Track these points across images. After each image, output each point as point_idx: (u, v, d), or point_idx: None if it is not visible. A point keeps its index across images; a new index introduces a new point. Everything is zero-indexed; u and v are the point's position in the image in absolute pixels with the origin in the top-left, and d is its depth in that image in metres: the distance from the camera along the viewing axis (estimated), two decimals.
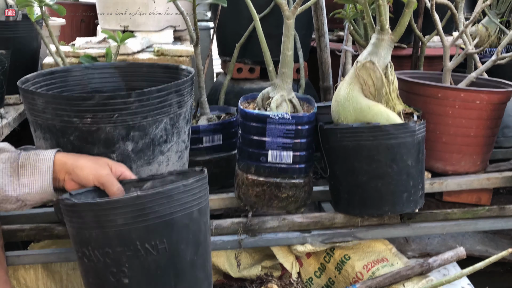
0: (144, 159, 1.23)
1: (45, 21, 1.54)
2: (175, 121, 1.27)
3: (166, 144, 1.26)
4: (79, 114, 1.13)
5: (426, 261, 1.40)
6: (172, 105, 1.24)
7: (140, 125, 1.18)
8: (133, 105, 1.15)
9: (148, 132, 1.20)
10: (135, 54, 1.95)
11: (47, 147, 1.20)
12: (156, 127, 1.21)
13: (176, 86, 1.23)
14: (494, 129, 1.64)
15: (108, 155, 1.18)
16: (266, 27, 1.63)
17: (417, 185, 1.39)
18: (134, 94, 1.14)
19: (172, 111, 1.24)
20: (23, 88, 1.20)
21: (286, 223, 1.46)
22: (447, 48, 1.71)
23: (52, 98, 1.16)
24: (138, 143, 1.20)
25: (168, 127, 1.25)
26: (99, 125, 1.14)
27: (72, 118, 1.14)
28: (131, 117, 1.16)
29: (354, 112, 1.37)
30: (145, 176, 1.16)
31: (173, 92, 1.23)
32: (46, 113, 1.16)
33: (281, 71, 1.43)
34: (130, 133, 1.17)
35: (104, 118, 1.14)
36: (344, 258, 1.48)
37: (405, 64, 2.36)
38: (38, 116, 1.19)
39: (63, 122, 1.15)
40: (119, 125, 1.15)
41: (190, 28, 1.63)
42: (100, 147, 1.17)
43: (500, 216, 1.52)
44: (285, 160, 1.39)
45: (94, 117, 1.13)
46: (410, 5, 1.33)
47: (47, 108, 1.16)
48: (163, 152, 1.26)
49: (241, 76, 2.24)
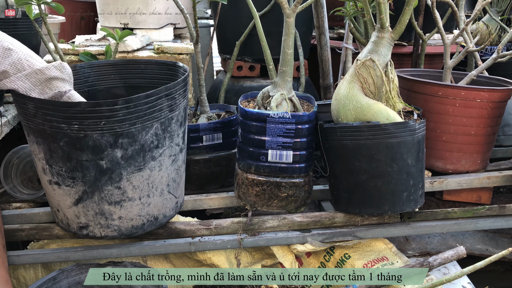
0: (134, 166, 1.22)
1: (43, 19, 1.53)
2: (167, 125, 1.25)
3: (157, 150, 1.25)
4: (66, 120, 1.13)
5: (426, 260, 1.39)
6: (162, 109, 1.22)
7: (128, 132, 1.16)
8: (120, 112, 1.14)
9: (138, 139, 1.19)
10: (135, 51, 1.94)
11: (40, 151, 1.20)
12: (146, 133, 1.20)
13: (167, 90, 1.22)
14: (494, 127, 1.64)
15: (96, 161, 1.17)
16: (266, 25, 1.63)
17: (417, 184, 1.38)
18: (120, 102, 1.13)
19: (163, 116, 1.23)
20: (15, 92, 1.19)
21: (286, 223, 1.46)
22: (448, 46, 1.70)
23: (41, 103, 1.16)
24: (128, 150, 1.19)
25: (159, 132, 1.23)
26: (86, 132, 1.14)
27: (61, 124, 1.14)
28: (119, 124, 1.15)
29: (354, 110, 1.36)
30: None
31: (163, 97, 1.21)
32: (37, 117, 1.17)
33: (281, 70, 1.42)
34: (118, 140, 1.16)
35: (91, 125, 1.13)
36: (344, 257, 1.48)
37: (406, 62, 2.35)
38: (30, 120, 1.19)
39: (53, 128, 1.15)
40: (106, 132, 1.14)
41: (190, 26, 1.62)
42: (89, 154, 1.17)
43: (500, 215, 1.52)
44: (285, 159, 1.39)
45: (81, 124, 1.13)
46: (410, 3, 1.33)
47: (37, 113, 1.16)
48: (154, 157, 1.25)
49: (241, 74, 2.24)
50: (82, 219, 1.28)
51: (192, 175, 1.63)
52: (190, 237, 1.43)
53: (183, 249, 1.41)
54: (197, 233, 1.43)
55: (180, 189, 1.41)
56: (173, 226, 1.42)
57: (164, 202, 1.34)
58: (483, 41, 2.28)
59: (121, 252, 1.39)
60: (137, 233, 1.32)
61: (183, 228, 1.43)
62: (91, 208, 1.25)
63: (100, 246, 1.40)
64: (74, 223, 1.30)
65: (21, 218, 1.47)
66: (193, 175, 1.64)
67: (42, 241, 1.48)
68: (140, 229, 1.32)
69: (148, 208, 1.31)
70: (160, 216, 1.35)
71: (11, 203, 1.55)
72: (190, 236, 1.43)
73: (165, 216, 1.37)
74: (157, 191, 1.30)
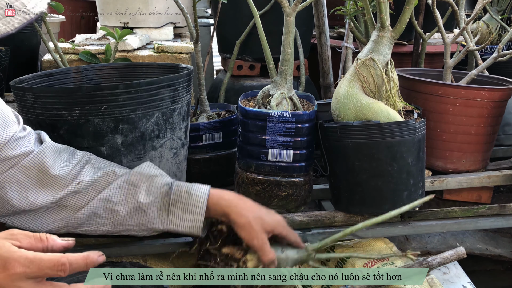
0: (135, 154, 1.22)
1: (43, 18, 1.53)
2: (169, 116, 1.26)
3: (158, 140, 1.25)
4: (67, 106, 1.14)
5: (426, 259, 1.39)
6: (164, 99, 1.23)
7: (129, 117, 1.17)
8: (120, 97, 1.14)
9: (138, 126, 1.19)
10: (135, 51, 1.94)
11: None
12: (146, 121, 1.20)
13: (169, 80, 1.23)
14: (495, 127, 1.64)
15: (97, 148, 1.18)
16: (267, 24, 1.62)
17: (418, 183, 1.38)
18: (121, 86, 1.14)
19: (164, 106, 1.24)
20: (14, 86, 1.21)
21: (286, 222, 1.45)
22: (448, 45, 1.70)
23: (40, 92, 1.17)
24: (128, 136, 1.19)
25: (160, 122, 1.24)
26: (88, 117, 1.14)
27: (61, 111, 1.15)
28: (119, 109, 1.15)
29: (354, 109, 1.36)
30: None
31: (165, 86, 1.22)
32: (36, 108, 1.17)
33: (282, 69, 1.42)
34: (119, 125, 1.17)
35: (92, 110, 1.14)
36: (344, 257, 1.47)
37: (406, 61, 2.35)
38: (29, 112, 1.20)
39: (53, 116, 1.16)
40: (107, 117, 1.15)
41: (190, 25, 1.62)
42: (90, 140, 1.17)
43: (500, 215, 1.51)
44: (285, 159, 1.39)
45: (82, 109, 1.13)
46: (410, 2, 1.33)
47: (36, 103, 1.17)
48: (155, 147, 1.25)
49: (241, 73, 2.24)
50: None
51: (192, 174, 1.63)
52: (191, 236, 1.42)
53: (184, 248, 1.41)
54: None
55: None
56: None
57: None
58: (484, 40, 2.28)
59: (121, 252, 1.39)
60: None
61: None
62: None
63: (100, 245, 1.40)
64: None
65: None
66: (193, 174, 1.63)
67: None
68: None
69: None
70: None
71: None
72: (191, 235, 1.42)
73: None
74: None
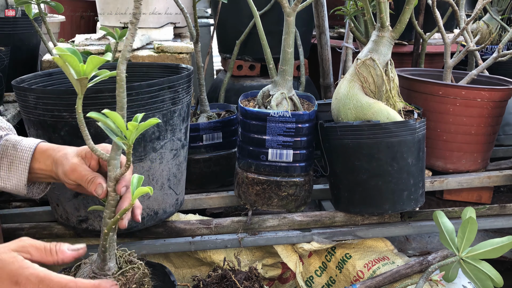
0: (135, 155, 1.23)
1: (43, 19, 1.53)
2: (169, 118, 1.26)
3: (159, 141, 1.26)
4: (68, 108, 1.15)
5: (426, 258, 1.39)
6: (164, 101, 1.23)
7: (129, 119, 1.17)
8: None
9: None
10: (135, 51, 1.94)
11: None
12: None
13: (169, 82, 1.23)
14: (495, 127, 1.63)
15: None
16: (267, 24, 1.62)
17: (418, 183, 1.38)
18: None
19: (165, 108, 1.24)
20: (16, 86, 1.21)
21: (286, 222, 1.46)
22: (448, 45, 1.70)
23: (42, 93, 1.17)
24: None
25: (160, 123, 1.24)
26: (88, 119, 1.14)
27: (62, 113, 1.16)
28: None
29: (354, 109, 1.36)
30: None
31: (166, 88, 1.22)
32: (38, 109, 1.18)
33: (282, 69, 1.42)
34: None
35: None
36: (345, 257, 1.47)
37: (406, 61, 2.35)
38: (30, 112, 1.21)
39: (54, 117, 1.17)
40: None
41: (190, 25, 1.62)
42: None
43: (500, 215, 1.51)
44: (286, 159, 1.39)
45: (83, 111, 1.13)
46: (410, 2, 1.33)
47: (38, 104, 1.17)
48: (155, 149, 1.25)
49: (241, 73, 2.24)
50: (81, 212, 1.28)
51: (192, 174, 1.63)
52: (190, 236, 1.43)
53: (183, 248, 1.41)
54: (197, 232, 1.43)
55: (180, 186, 1.41)
56: (173, 225, 1.42)
57: (164, 197, 1.34)
58: (484, 40, 2.28)
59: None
60: (137, 227, 1.32)
61: (183, 227, 1.42)
62: (91, 200, 1.25)
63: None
64: (73, 216, 1.30)
65: (21, 217, 1.47)
66: (193, 174, 1.63)
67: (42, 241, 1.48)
68: (140, 223, 1.31)
69: (148, 201, 1.31)
70: (160, 211, 1.35)
71: (11, 202, 1.55)
72: (190, 235, 1.43)
73: (165, 211, 1.36)
74: (157, 184, 1.30)
